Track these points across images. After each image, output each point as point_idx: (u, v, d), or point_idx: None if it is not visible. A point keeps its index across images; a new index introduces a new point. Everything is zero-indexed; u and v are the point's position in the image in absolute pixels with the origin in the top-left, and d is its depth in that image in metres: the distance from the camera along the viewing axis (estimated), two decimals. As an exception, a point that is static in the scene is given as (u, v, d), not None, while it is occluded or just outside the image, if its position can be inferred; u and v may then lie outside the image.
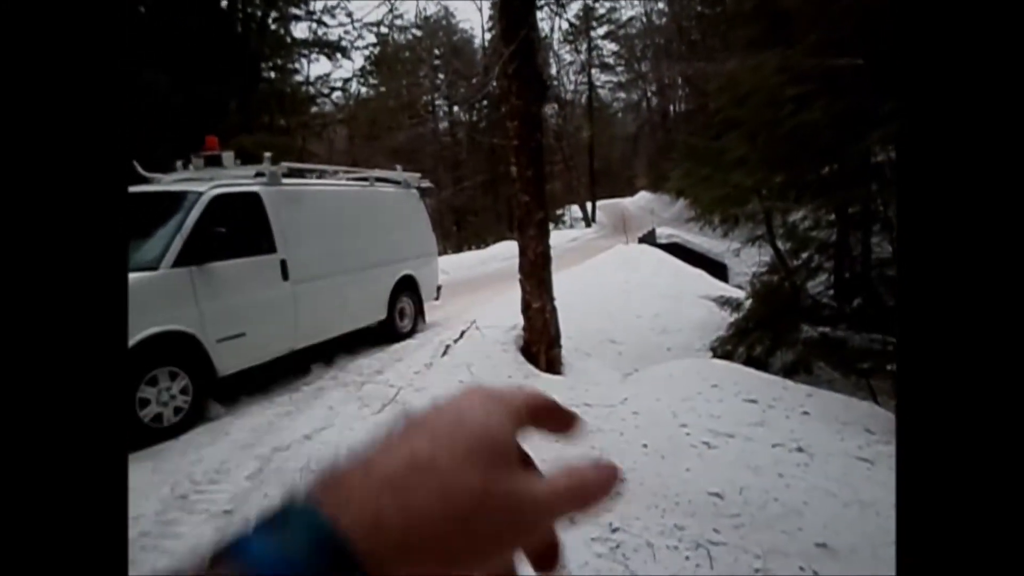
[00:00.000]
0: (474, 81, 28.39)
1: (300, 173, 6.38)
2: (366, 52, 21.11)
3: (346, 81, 21.43)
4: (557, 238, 19.37)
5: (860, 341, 7.76)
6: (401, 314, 6.93)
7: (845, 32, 5.83)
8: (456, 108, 32.41)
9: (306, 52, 18.32)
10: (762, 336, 6.17)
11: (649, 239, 16.71)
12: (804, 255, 7.97)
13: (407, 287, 7.00)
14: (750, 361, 5.82)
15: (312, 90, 19.12)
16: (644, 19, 35.06)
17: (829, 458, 2.99)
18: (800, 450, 3.08)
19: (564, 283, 7.76)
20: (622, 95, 40.07)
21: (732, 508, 2.58)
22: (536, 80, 5.05)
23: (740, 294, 7.95)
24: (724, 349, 6.20)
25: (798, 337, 6.48)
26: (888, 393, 5.64)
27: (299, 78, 18.87)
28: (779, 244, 8.23)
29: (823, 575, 2.14)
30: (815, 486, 2.71)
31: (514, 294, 5.14)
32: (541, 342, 4.94)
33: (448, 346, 5.14)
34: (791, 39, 6.42)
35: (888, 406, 4.87)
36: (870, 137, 5.19)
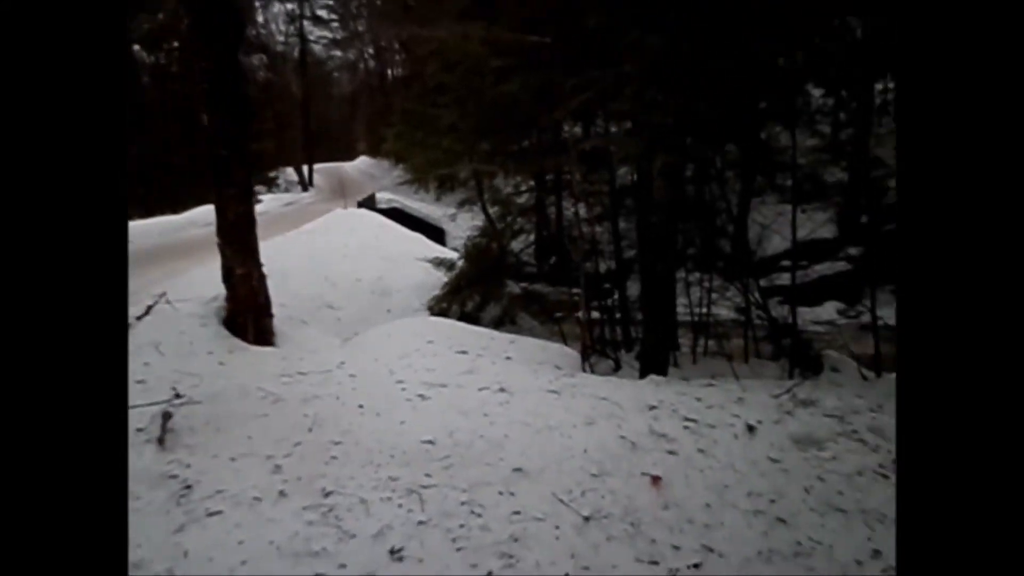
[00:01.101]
0: (160, 16, 24.03)
1: None
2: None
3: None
4: (270, 203, 17.97)
5: (555, 294, 8.88)
6: (63, 290, 5.63)
7: (541, 11, 6.40)
8: (138, 48, 27.07)
9: None
10: (473, 293, 6.64)
11: (369, 204, 16.55)
12: (509, 218, 8.75)
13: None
14: (463, 316, 6.25)
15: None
16: (359, -25, 33.81)
17: (526, 394, 3.36)
18: (503, 391, 3.40)
19: (278, 249, 7.21)
20: (338, 53, 38.31)
21: (443, 452, 2.72)
22: (230, 16, 4.45)
23: (455, 256, 8.41)
24: (440, 307, 6.52)
25: (505, 292, 7.16)
26: (574, 336, 6.61)
27: None
28: (488, 208, 8.89)
29: (519, 497, 2.40)
30: (514, 420, 3.02)
31: (217, 263, 4.57)
32: (248, 312, 4.49)
33: (130, 324, 4.34)
34: (496, 13, 6.83)
35: (574, 347, 5.70)
36: (557, 112, 5.85)
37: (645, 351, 5.06)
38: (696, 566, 2.03)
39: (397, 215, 14.95)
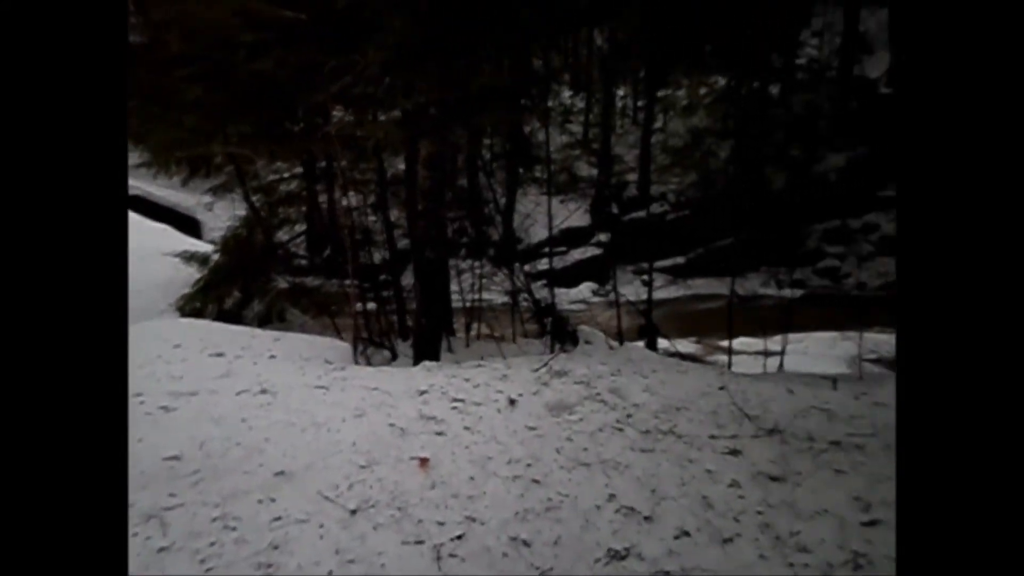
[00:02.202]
0: None
1: None
2: None
3: None
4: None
5: (330, 287, 8.52)
6: None
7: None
8: None
9: None
10: (233, 289, 6.06)
11: (101, 190, 14.05)
12: (275, 207, 8.15)
13: None
14: (222, 315, 5.66)
15: None
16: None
17: (290, 392, 3.18)
18: (264, 392, 3.17)
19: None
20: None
21: (191, 466, 2.45)
22: None
23: (211, 248, 7.58)
24: (193, 306, 5.82)
25: (271, 287, 6.65)
26: (349, 330, 6.43)
27: None
28: (251, 196, 8.15)
29: (280, 501, 2.27)
30: (276, 421, 2.83)
31: None
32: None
33: None
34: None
35: (349, 340, 5.54)
36: (319, 95, 5.57)
37: (419, 339, 5.13)
38: (459, 537, 2.14)
39: (138, 204, 12.96)
